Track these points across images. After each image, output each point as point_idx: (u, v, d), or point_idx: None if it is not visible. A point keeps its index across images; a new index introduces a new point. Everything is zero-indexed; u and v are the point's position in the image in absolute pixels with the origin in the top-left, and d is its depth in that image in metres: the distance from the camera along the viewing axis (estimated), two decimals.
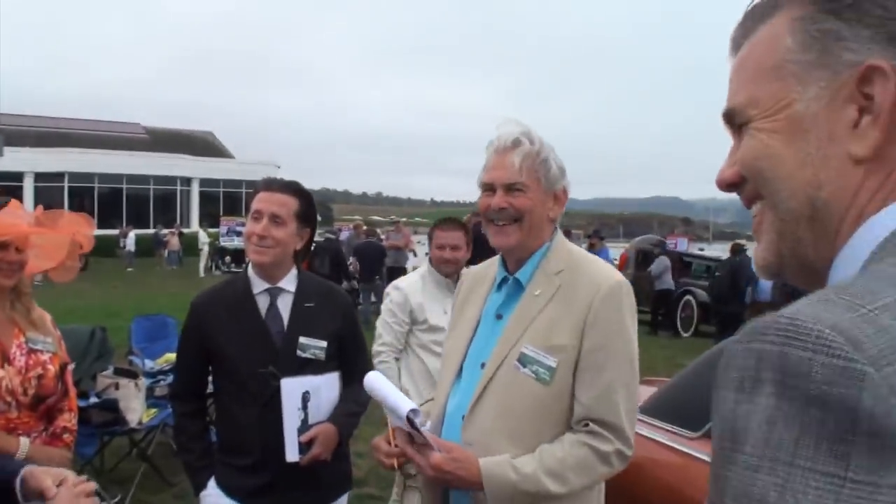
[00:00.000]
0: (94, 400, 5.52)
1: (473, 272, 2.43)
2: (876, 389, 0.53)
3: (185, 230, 36.78)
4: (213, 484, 2.83)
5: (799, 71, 0.76)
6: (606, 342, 2.02)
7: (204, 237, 31.26)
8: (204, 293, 2.97)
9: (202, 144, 54.66)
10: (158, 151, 47.69)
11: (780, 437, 0.55)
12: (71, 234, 2.97)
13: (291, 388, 2.72)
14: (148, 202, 46.44)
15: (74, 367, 5.30)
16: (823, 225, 0.76)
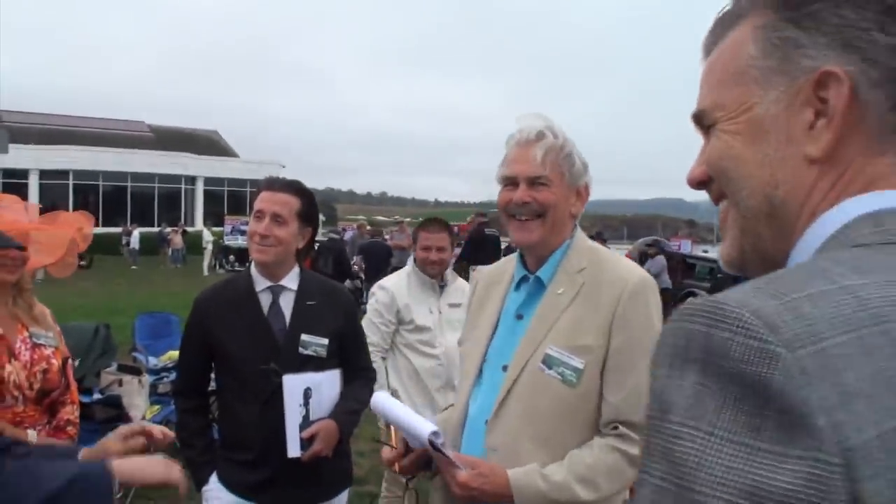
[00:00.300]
0: (97, 396, 5.55)
1: (487, 271, 2.34)
2: (787, 370, 0.57)
3: (189, 229, 36.76)
4: (214, 479, 2.86)
5: (760, 76, 0.79)
6: (634, 341, 1.93)
7: (208, 236, 31.31)
8: (207, 290, 3.00)
9: (207, 143, 54.61)
10: (163, 150, 47.74)
11: (701, 409, 0.60)
12: (71, 230, 3.00)
13: (293, 384, 2.74)
14: (152, 200, 46.44)
15: (78, 363, 5.34)
16: (781, 222, 0.79)
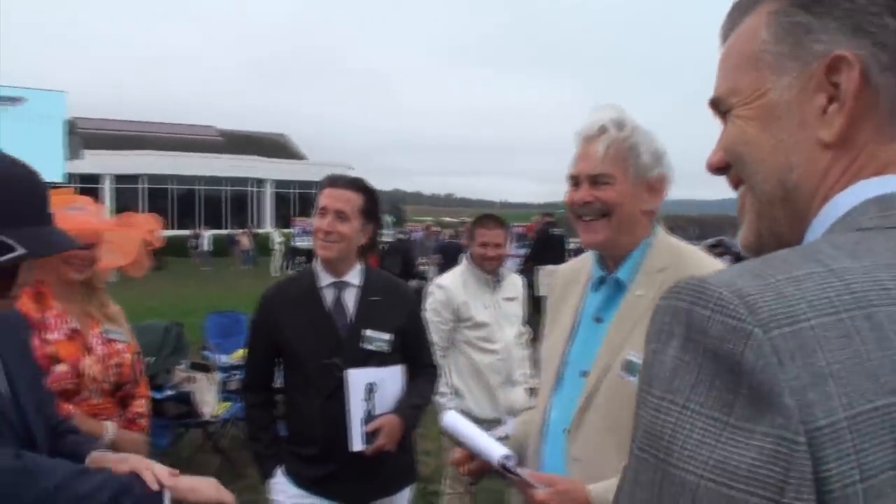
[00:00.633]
0: (168, 393, 5.71)
1: (563, 271, 2.23)
2: (760, 349, 0.59)
3: (258, 231, 37.42)
4: (280, 472, 2.90)
5: (773, 62, 0.81)
6: None
7: (277, 237, 31.89)
8: (272, 286, 3.05)
9: (275, 146, 55.65)
10: (232, 154, 48.83)
11: (679, 382, 0.63)
12: (142, 231, 3.09)
13: (357, 378, 2.76)
14: (221, 203, 47.52)
15: (152, 361, 5.48)
16: (795, 205, 0.81)
